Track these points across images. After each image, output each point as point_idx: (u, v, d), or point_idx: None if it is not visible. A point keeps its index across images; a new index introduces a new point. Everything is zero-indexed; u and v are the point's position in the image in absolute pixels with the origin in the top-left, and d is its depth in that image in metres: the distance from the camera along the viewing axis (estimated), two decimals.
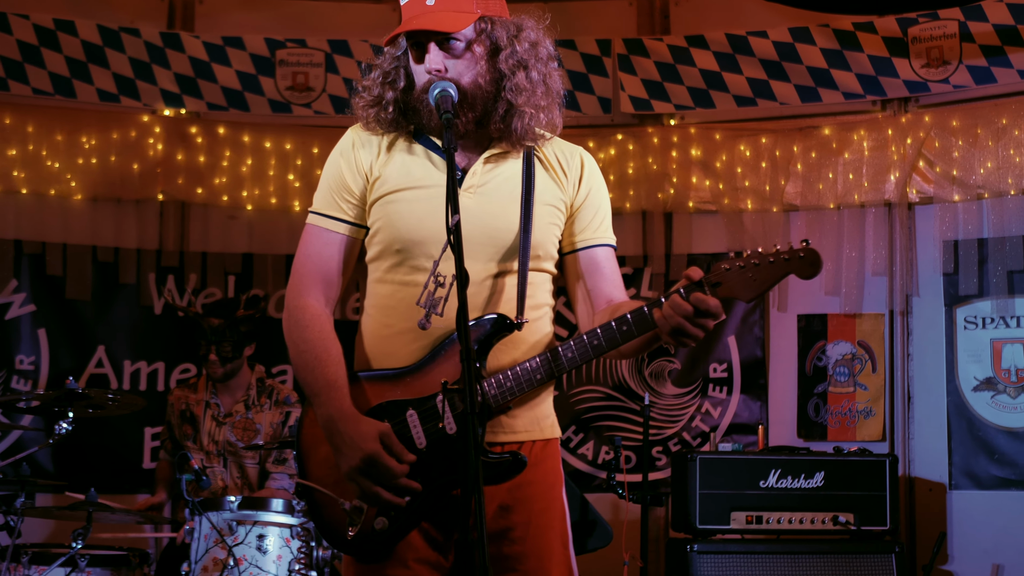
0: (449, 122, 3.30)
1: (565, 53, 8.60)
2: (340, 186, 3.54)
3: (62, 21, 8.36)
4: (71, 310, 8.49)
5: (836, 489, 7.21)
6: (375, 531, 3.38)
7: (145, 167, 8.54)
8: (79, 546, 6.18)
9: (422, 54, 3.42)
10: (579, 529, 7.10)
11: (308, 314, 3.49)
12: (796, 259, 3.20)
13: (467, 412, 3.00)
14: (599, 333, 3.30)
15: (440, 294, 3.40)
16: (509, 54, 3.44)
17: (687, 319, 3.17)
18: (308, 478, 3.48)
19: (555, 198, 3.54)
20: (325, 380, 3.39)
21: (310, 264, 3.54)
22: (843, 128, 8.36)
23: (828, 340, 8.42)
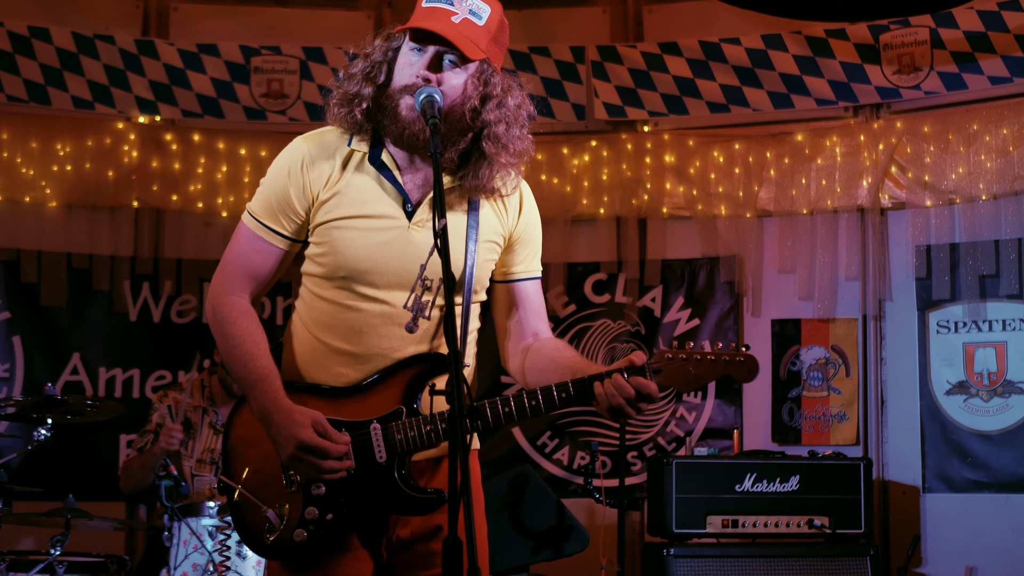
0: (436, 127, 3.31)
1: (539, 60, 8.66)
2: (283, 202, 3.53)
3: (37, 28, 8.36)
4: (46, 317, 8.48)
5: (811, 493, 7.24)
6: (293, 542, 3.43)
7: (120, 174, 8.54)
8: (57, 553, 6.18)
9: (422, 58, 3.43)
10: (556, 534, 7.13)
11: (236, 310, 3.53)
12: (736, 363, 3.41)
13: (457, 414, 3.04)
14: (538, 395, 3.39)
15: (427, 298, 3.48)
16: (497, 104, 3.48)
17: (627, 400, 3.31)
18: (232, 477, 3.52)
19: (495, 233, 3.61)
20: (258, 373, 3.44)
21: (240, 264, 3.58)
22: (816, 134, 8.42)
23: (802, 345, 8.47)
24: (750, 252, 8.52)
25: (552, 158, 8.72)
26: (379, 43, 3.56)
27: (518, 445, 8.65)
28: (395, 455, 3.41)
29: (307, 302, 3.58)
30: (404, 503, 3.41)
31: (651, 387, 3.30)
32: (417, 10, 3.47)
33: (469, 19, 3.42)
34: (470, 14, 3.42)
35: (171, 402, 7.22)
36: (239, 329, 3.50)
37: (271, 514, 3.43)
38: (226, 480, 3.51)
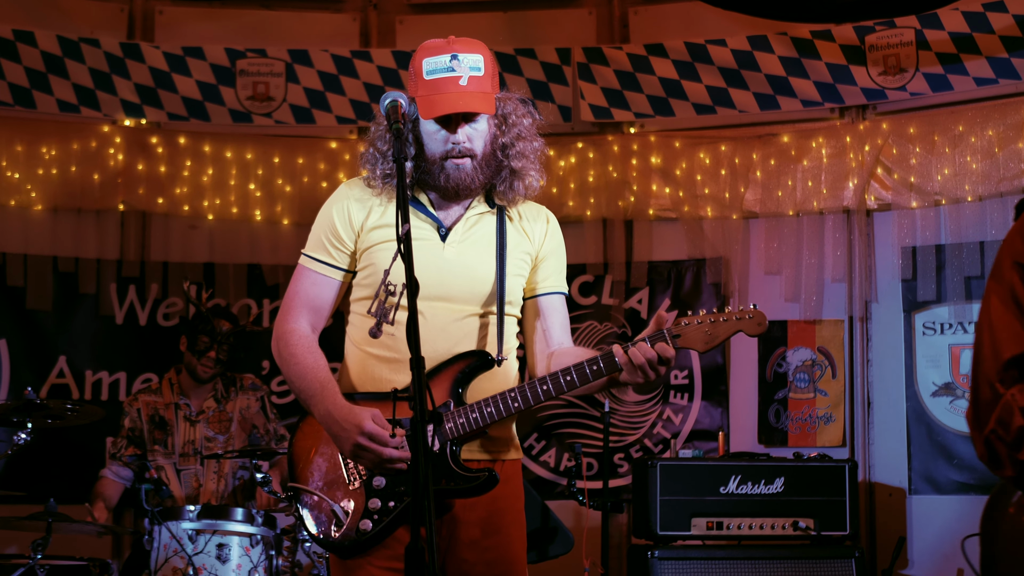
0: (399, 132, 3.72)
1: (525, 62, 8.65)
2: (333, 235, 3.97)
3: (21, 32, 8.35)
4: (32, 320, 8.47)
5: (796, 495, 7.24)
6: (359, 531, 3.77)
7: (106, 177, 8.53)
8: (39, 557, 6.17)
9: (447, 123, 3.82)
10: (540, 536, 7.12)
11: (295, 336, 3.94)
12: (746, 319, 3.74)
13: (416, 419, 3.24)
14: (572, 371, 3.73)
15: (391, 303, 3.84)
16: (512, 125, 3.98)
17: (649, 363, 3.64)
18: (299, 482, 3.88)
19: (523, 252, 4.01)
20: (318, 382, 3.83)
21: (298, 299, 4.00)
22: (802, 136, 8.42)
23: (788, 346, 8.46)
24: (736, 254, 8.52)
25: None
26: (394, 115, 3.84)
27: None
28: (446, 441, 3.76)
29: (355, 324, 3.99)
30: (459, 483, 3.73)
31: (669, 352, 3.64)
32: (422, 84, 3.83)
33: (473, 75, 3.81)
34: (471, 70, 3.81)
35: (140, 405, 7.25)
36: (299, 349, 3.90)
37: (338, 508, 3.79)
38: (295, 485, 3.88)
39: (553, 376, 3.75)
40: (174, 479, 7.08)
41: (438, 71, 3.80)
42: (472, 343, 3.90)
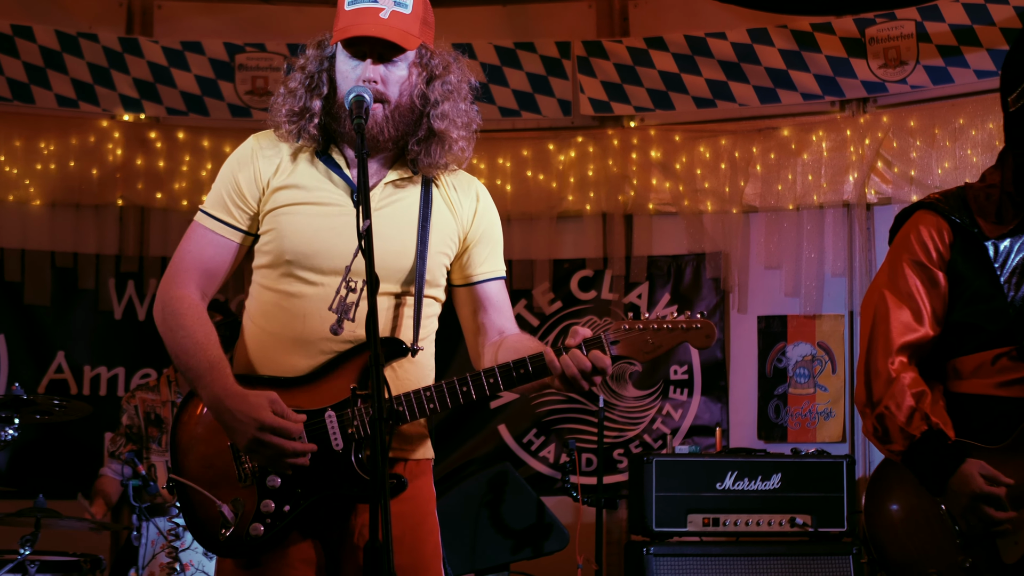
0: (360, 127, 3.33)
1: (525, 55, 8.61)
2: (236, 193, 3.56)
3: (20, 27, 8.34)
4: (30, 316, 8.48)
5: (793, 491, 7.19)
6: (249, 536, 3.39)
7: (104, 172, 8.53)
8: (27, 552, 6.16)
9: (360, 63, 3.45)
10: (535, 532, 7.11)
11: (184, 304, 3.50)
12: (693, 329, 3.40)
13: (376, 418, 3.02)
14: (496, 372, 3.38)
15: (352, 299, 3.45)
16: (441, 83, 3.54)
17: (582, 373, 3.28)
18: (183, 474, 3.47)
19: (450, 229, 3.62)
20: (208, 362, 3.40)
21: (190, 259, 3.58)
22: (802, 129, 8.37)
23: (788, 341, 8.42)
24: (736, 248, 8.48)
25: (538, 154, 8.69)
26: (312, 53, 3.59)
27: (504, 443, 8.62)
28: (351, 442, 3.37)
29: (254, 296, 3.61)
30: (363, 490, 3.37)
31: (605, 360, 3.27)
32: (342, 15, 3.47)
33: (396, 11, 3.43)
34: (395, 5, 3.44)
35: (138, 402, 7.22)
36: (188, 320, 3.47)
37: (225, 509, 3.38)
38: (176, 477, 3.46)
39: (475, 377, 3.38)
40: (164, 477, 7.06)
41: (360, 1, 3.43)
42: (384, 327, 3.50)
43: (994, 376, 3.72)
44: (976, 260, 3.78)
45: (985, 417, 3.72)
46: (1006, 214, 3.79)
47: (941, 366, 3.85)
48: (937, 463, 3.65)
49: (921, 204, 3.91)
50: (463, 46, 8.56)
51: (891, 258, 3.89)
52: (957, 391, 3.80)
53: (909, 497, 3.76)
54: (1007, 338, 3.71)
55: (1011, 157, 3.81)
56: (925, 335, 3.80)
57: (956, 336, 3.80)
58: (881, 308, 3.84)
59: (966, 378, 3.78)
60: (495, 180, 8.66)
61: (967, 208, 3.82)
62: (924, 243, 3.82)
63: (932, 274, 3.80)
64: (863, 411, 3.84)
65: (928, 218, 3.85)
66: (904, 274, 3.82)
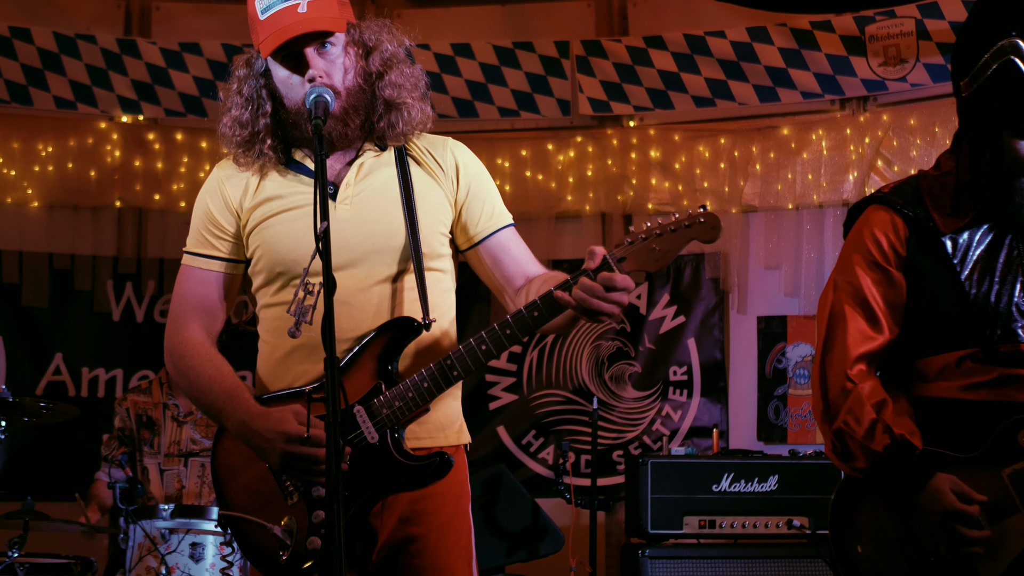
0: (318, 127, 3.23)
1: (523, 55, 8.57)
2: (212, 224, 3.54)
3: (18, 28, 8.35)
4: (28, 317, 8.49)
5: (790, 492, 7.12)
6: (309, 552, 3.33)
7: (102, 174, 8.53)
8: (15, 555, 6.16)
9: (299, 64, 3.37)
10: (530, 534, 7.07)
11: (189, 347, 3.50)
12: (697, 224, 3.19)
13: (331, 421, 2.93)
14: (510, 322, 3.27)
15: (309, 302, 3.36)
16: (379, 54, 3.46)
17: (599, 298, 3.14)
18: (229, 507, 3.45)
19: (437, 195, 3.51)
20: (224, 392, 3.40)
21: (185, 303, 3.55)
22: (802, 128, 8.31)
23: (788, 342, 8.36)
24: (735, 248, 8.42)
25: (537, 154, 8.66)
26: (242, 73, 3.53)
27: (503, 444, 8.59)
28: (386, 431, 3.32)
29: (260, 316, 3.57)
30: (409, 475, 3.33)
31: (616, 277, 3.12)
32: (261, 26, 3.37)
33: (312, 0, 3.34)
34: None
35: (129, 405, 7.20)
36: (195, 361, 3.47)
37: (278, 531, 3.36)
38: (226, 513, 3.44)
39: (491, 332, 3.27)
40: (156, 479, 7.05)
41: (273, 5, 3.33)
42: (387, 312, 3.42)
43: (959, 379, 3.52)
44: (934, 255, 3.56)
45: (953, 424, 3.52)
46: (961, 206, 3.57)
47: (906, 367, 3.64)
48: (905, 479, 3.44)
49: (872, 198, 3.70)
50: (461, 46, 8.60)
51: (843, 258, 3.67)
52: (923, 395, 3.59)
53: (877, 516, 3.55)
54: (971, 339, 3.51)
55: (966, 143, 3.61)
56: (883, 341, 3.59)
57: (918, 336, 3.60)
58: (836, 314, 3.61)
59: (931, 380, 3.58)
60: (494, 180, 8.59)
61: (921, 201, 3.60)
62: (878, 240, 3.59)
63: (888, 273, 3.58)
64: (821, 427, 3.60)
65: (880, 214, 3.62)
66: (857, 275, 3.59)
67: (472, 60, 8.58)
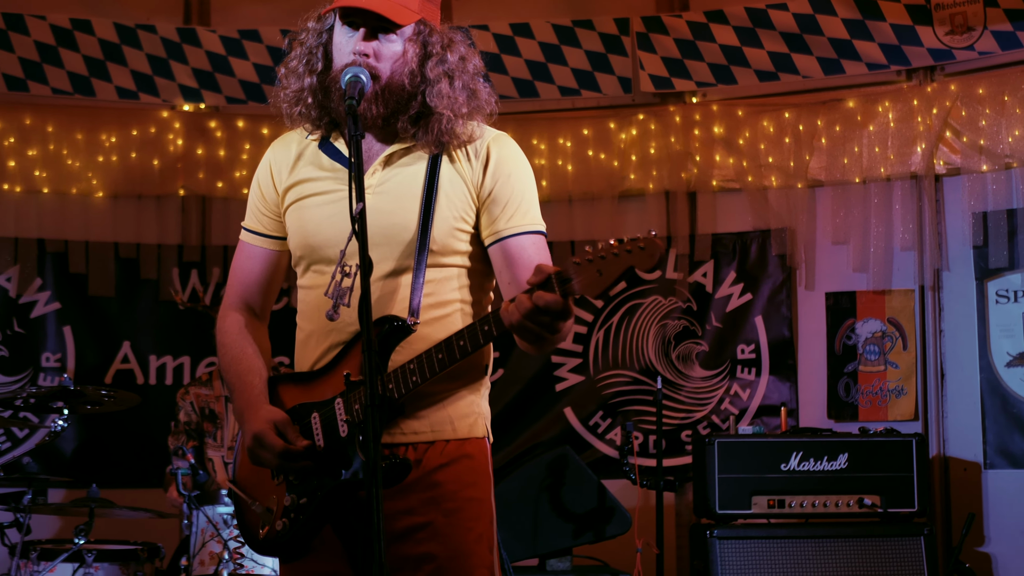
0: (351, 108, 3.22)
1: (583, 33, 8.51)
2: (260, 201, 3.60)
3: (79, 20, 8.40)
4: (95, 307, 8.54)
5: (861, 471, 7.04)
6: (277, 532, 3.39)
7: (165, 163, 8.56)
8: (81, 542, 6.23)
9: (354, 36, 3.36)
10: (597, 516, 7.04)
11: (227, 322, 3.60)
12: (636, 251, 2.99)
13: (368, 404, 2.95)
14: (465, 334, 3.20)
15: (347, 284, 3.37)
16: (438, 62, 3.42)
17: (527, 316, 3.02)
18: (235, 480, 3.56)
19: (459, 191, 3.44)
20: (237, 375, 3.50)
21: (234, 276, 3.66)
22: (867, 100, 8.16)
23: (857, 318, 8.23)
24: (802, 223, 8.30)
25: (599, 133, 8.58)
26: (312, 26, 3.51)
27: (570, 425, 8.53)
28: (355, 426, 3.27)
29: (297, 299, 3.58)
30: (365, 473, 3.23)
31: (548, 298, 2.97)
32: None
33: None
34: None
35: (192, 398, 7.24)
36: (227, 337, 3.57)
37: (259, 508, 3.43)
38: (231, 486, 3.57)
39: (447, 341, 3.19)
40: (221, 472, 7.07)
41: None
42: (387, 306, 3.35)
43: None
44: None
45: None
46: None
47: None
48: None
49: None
50: (520, 26, 8.55)
51: None
52: None
53: None
54: None
55: None
56: None
57: None
58: None
59: None
60: (556, 160, 8.57)
61: None
62: None
63: None
64: None
65: None
66: None
67: (531, 40, 8.52)
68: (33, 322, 8.46)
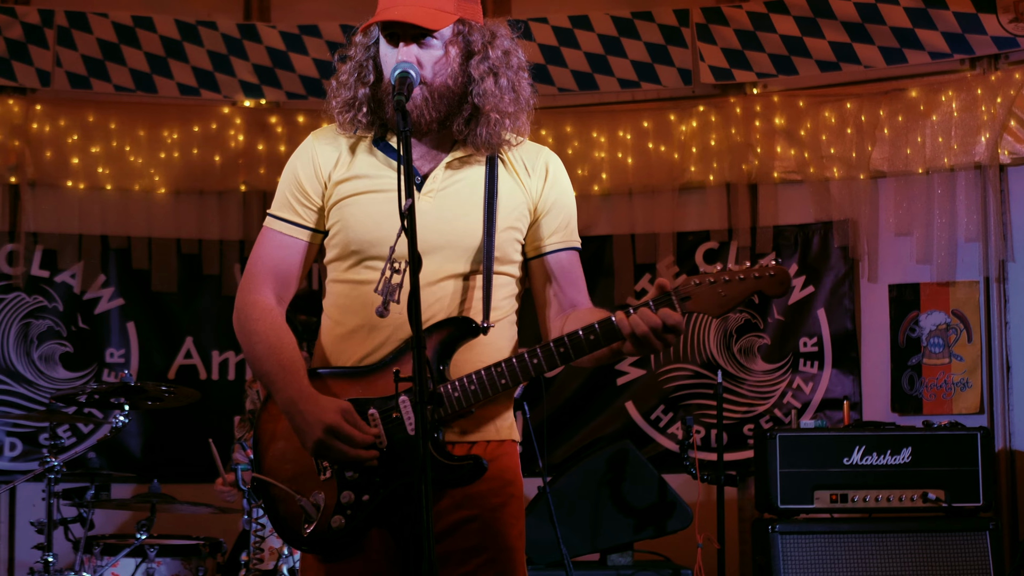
0: (400, 104, 3.23)
1: (642, 25, 8.47)
2: (299, 191, 3.54)
3: (140, 18, 8.47)
4: (158, 302, 8.61)
5: (925, 465, 6.96)
6: (331, 529, 3.35)
7: (226, 159, 8.61)
8: (143, 537, 6.28)
9: (396, 45, 3.38)
10: (658, 511, 7.00)
11: (258, 309, 3.49)
12: (766, 277, 3.25)
13: (418, 401, 2.96)
14: (566, 341, 3.30)
15: (396, 280, 3.37)
16: (481, 59, 3.44)
17: (654, 332, 3.19)
18: (264, 472, 3.46)
19: (518, 202, 3.52)
20: (280, 365, 3.40)
21: (262, 264, 3.54)
22: (930, 89, 8.07)
23: (921, 310, 8.14)
24: (865, 215, 8.23)
25: (659, 125, 8.55)
26: (359, 40, 3.53)
27: (631, 420, 8.50)
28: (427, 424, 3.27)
29: (328, 290, 3.58)
30: (441, 473, 3.30)
31: (675, 317, 3.18)
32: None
33: None
34: None
35: (259, 387, 7.23)
36: (260, 325, 3.46)
37: (306, 503, 3.35)
38: (259, 476, 3.45)
39: (545, 347, 3.30)
40: None
41: None
42: (450, 308, 3.43)
43: None
44: None
45: None
46: None
47: None
48: None
49: None
50: (579, 18, 8.52)
51: None
52: None
53: None
54: None
55: None
56: None
57: None
58: None
59: None
60: (616, 153, 8.54)
61: None
62: None
63: None
64: None
65: None
66: None
67: (590, 32, 8.49)
68: (97, 318, 8.54)
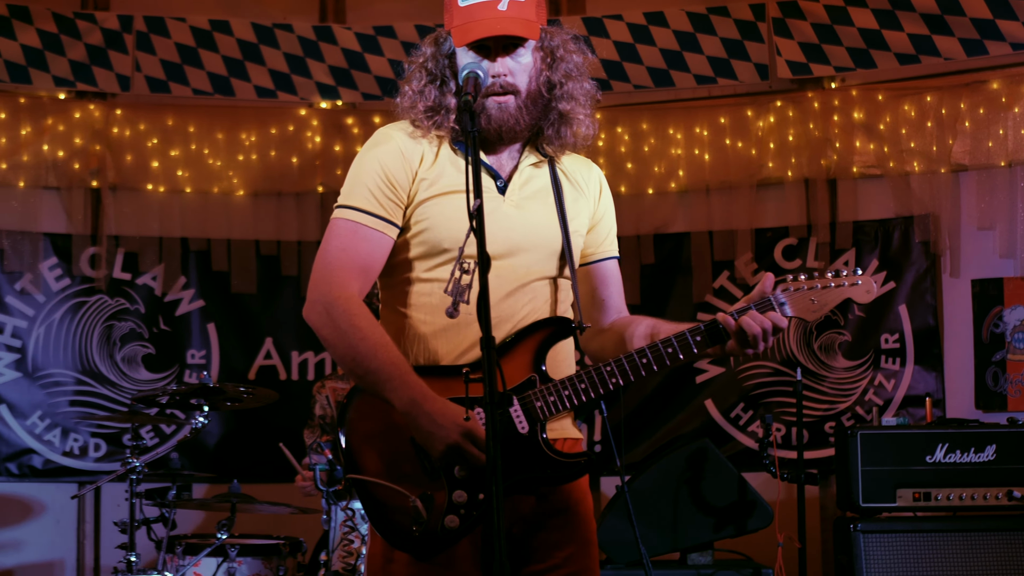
0: (468, 104, 3.23)
1: (718, 20, 8.42)
2: (386, 186, 3.44)
3: (217, 22, 8.54)
4: (238, 304, 8.69)
5: (1010, 462, 6.84)
6: (445, 528, 3.31)
7: (304, 160, 8.66)
8: (224, 537, 6.33)
9: (487, 54, 3.41)
10: (738, 510, 6.94)
11: (354, 304, 3.37)
12: (856, 286, 3.45)
13: (488, 401, 2.95)
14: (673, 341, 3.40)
15: (466, 281, 3.33)
16: (563, 64, 3.52)
17: (764, 333, 3.35)
18: (363, 472, 3.38)
19: (582, 209, 3.65)
20: (392, 363, 3.30)
21: (348, 258, 3.42)
22: (1012, 81, 7.97)
23: (1005, 305, 8.02)
24: (946, 209, 8.12)
25: (736, 121, 8.50)
26: (430, 51, 3.59)
27: (711, 418, 8.45)
28: (535, 423, 3.37)
29: (405, 290, 3.51)
30: (555, 469, 3.39)
31: (783, 321, 3.37)
32: (458, 12, 3.43)
33: (513, 0, 3.37)
34: None
35: (328, 392, 7.25)
36: (363, 321, 3.34)
37: (418, 503, 3.30)
38: (358, 477, 3.37)
39: (653, 348, 3.35)
40: None
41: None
42: (540, 309, 3.49)
43: None
44: None
45: None
46: None
47: None
48: None
49: None
50: (655, 14, 8.47)
51: None
52: None
53: None
54: None
55: None
56: None
57: None
58: None
59: None
60: (693, 150, 8.50)
61: None
62: None
63: None
64: None
65: None
66: None
67: (666, 28, 8.45)
68: (178, 320, 8.63)
